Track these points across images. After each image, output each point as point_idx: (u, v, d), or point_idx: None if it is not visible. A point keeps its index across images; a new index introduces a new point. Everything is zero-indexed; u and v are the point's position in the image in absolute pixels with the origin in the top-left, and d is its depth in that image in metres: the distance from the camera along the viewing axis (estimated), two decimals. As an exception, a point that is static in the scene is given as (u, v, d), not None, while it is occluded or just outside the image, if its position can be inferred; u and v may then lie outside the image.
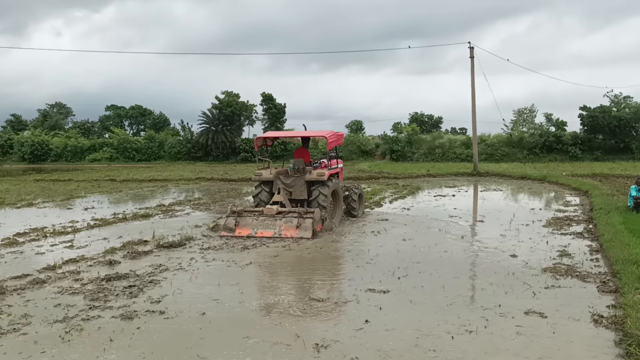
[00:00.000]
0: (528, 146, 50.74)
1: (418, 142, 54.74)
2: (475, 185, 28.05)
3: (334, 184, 14.60)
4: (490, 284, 8.38)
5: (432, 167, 40.33)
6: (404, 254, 10.71)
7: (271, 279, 9.06)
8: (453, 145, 53.20)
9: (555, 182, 27.14)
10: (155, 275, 9.20)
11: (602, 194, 19.41)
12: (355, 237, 12.71)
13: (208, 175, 34.86)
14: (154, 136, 63.29)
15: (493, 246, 11.34)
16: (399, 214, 16.55)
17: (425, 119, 77.93)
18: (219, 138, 58.22)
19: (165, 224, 15.09)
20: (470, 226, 14.30)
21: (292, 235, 12.68)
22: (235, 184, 30.96)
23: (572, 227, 13.68)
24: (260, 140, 15.29)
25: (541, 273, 8.99)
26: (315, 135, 16.39)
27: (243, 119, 63.46)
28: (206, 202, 20.65)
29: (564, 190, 24.13)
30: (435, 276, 8.92)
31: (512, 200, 21.35)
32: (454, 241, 12.05)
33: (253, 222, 13.23)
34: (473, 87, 35.22)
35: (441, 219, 15.44)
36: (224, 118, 59.54)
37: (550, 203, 19.77)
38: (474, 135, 37.02)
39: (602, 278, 8.55)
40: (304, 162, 14.81)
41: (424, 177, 33.20)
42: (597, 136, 49.45)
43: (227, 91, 61.25)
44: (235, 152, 58.86)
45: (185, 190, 27.23)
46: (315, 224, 12.96)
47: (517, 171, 33.99)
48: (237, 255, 10.81)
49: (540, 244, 11.53)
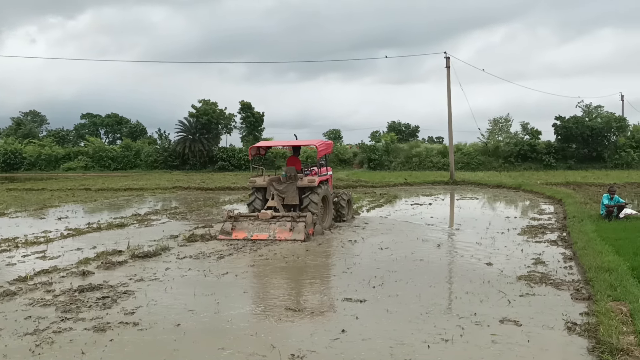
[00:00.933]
0: (503, 155, 51.40)
1: (395, 151, 55.08)
2: (452, 193, 28.27)
3: (324, 190, 15.50)
4: (465, 292, 8.42)
5: (409, 175, 40.58)
6: (381, 262, 10.72)
7: (247, 288, 8.99)
8: (430, 154, 53.66)
9: (530, 191, 27.50)
10: (130, 286, 9.07)
11: (575, 202, 19.70)
12: (332, 246, 12.70)
13: (185, 184, 34.61)
14: (130, 145, 62.70)
15: (469, 254, 11.41)
16: (376, 223, 16.60)
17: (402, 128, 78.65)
18: (196, 147, 57.87)
19: (141, 233, 14.91)
20: (447, 235, 14.38)
21: (285, 238, 13.46)
22: (213, 192, 30.76)
23: (547, 235, 13.84)
24: (254, 150, 16.23)
25: (516, 281, 9.06)
26: (305, 144, 17.42)
27: (221, 128, 63.14)
28: (183, 211, 20.48)
29: (539, 198, 24.45)
30: (411, 285, 8.94)
31: (488, 208, 21.55)
32: (430, 250, 12.09)
33: (249, 226, 14.00)
34: (449, 97, 35.63)
35: (418, 227, 15.51)
36: (202, 126, 59.22)
37: (525, 211, 20.01)
38: (450, 144, 37.39)
39: (576, 285, 8.65)
40: (295, 169, 15.65)
41: (401, 185, 33.38)
42: (570, 145, 50.29)
43: (205, 99, 60.97)
44: (212, 160, 58.55)
45: (162, 199, 26.98)
46: (307, 227, 13.74)
47: (493, 180, 34.37)
48: (213, 264, 10.71)
49: (516, 252, 11.64)
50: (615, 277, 8.33)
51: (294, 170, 15.61)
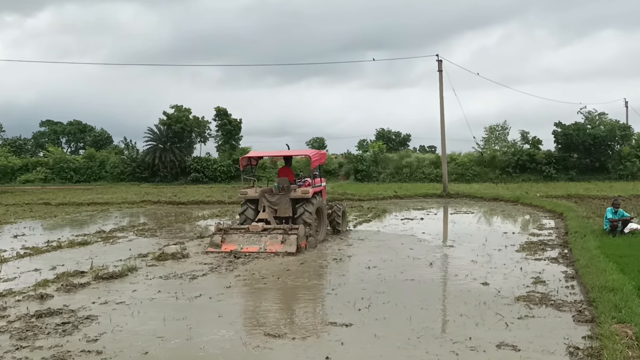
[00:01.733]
0: (500, 165, 51.80)
1: (384, 162, 55.28)
2: (445, 207, 28.42)
3: (318, 202, 16.23)
4: (460, 314, 8.45)
5: (400, 188, 40.74)
6: (368, 283, 10.74)
7: (223, 312, 8.94)
8: (421, 164, 53.93)
9: (529, 204, 27.75)
10: (93, 310, 8.98)
11: (577, 216, 19.92)
12: (315, 266, 12.70)
13: (154, 198, 34.42)
14: (94, 155, 62.19)
15: (464, 273, 11.48)
16: (363, 239, 16.65)
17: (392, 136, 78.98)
18: (167, 157, 57.60)
19: (106, 252, 14.80)
20: (440, 252, 14.46)
21: (276, 250, 14.08)
22: (185, 207, 30.63)
23: (547, 252, 13.97)
24: (245, 160, 17.08)
25: (514, 302, 9.12)
26: (299, 154, 18.55)
27: (194, 136, 62.92)
28: (152, 227, 20.35)
29: (538, 212, 24.68)
30: (400, 307, 8.96)
31: (484, 223, 21.69)
32: (421, 268, 12.14)
33: (239, 238, 14.67)
34: (442, 103, 35.93)
35: (408, 244, 15.58)
36: (173, 135, 58.98)
37: (524, 226, 20.17)
38: (443, 154, 37.67)
39: (578, 307, 8.73)
40: (288, 180, 16.30)
41: (390, 199, 33.49)
42: (571, 155, 50.80)
43: (177, 105, 60.77)
44: (185, 172, 58.29)
45: (129, 214, 26.80)
46: (300, 239, 14.36)
47: (489, 192, 34.64)
48: (185, 286, 10.65)
49: (514, 270, 11.73)
50: (620, 297, 8.42)
51: (287, 182, 16.22)
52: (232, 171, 56.55)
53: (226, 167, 56.78)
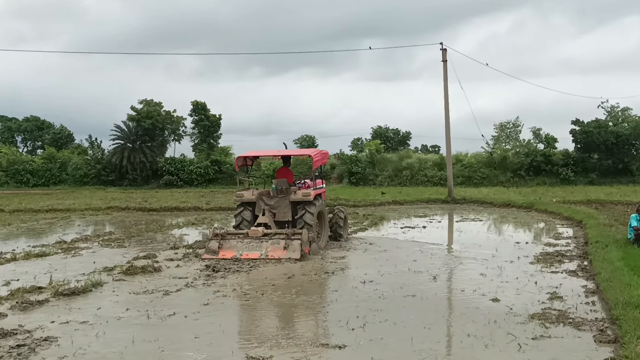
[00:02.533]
0: (512, 167, 52.07)
1: (382, 163, 55.44)
2: (450, 214, 28.48)
3: (320, 205, 16.86)
4: (467, 335, 8.46)
5: (400, 192, 40.82)
6: (364, 300, 10.73)
7: (200, 332, 8.90)
8: (423, 166, 54.14)
9: (544, 211, 27.87)
10: (52, 330, 8.92)
11: (598, 224, 20.01)
12: (304, 280, 12.68)
13: (122, 204, 34.33)
14: (54, 155, 61.98)
15: (471, 288, 11.49)
16: (357, 250, 16.70)
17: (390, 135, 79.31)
18: (136, 157, 57.51)
19: (67, 265, 14.72)
20: (444, 264, 14.48)
21: (279, 257, 14.72)
22: (157, 214, 30.57)
23: (564, 264, 14.03)
24: (240, 160, 17.60)
25: (528, 320, 9.14)
26: (299, 154, 19.96)
27: (167, 134, 62.96)
28: (119, 237, 20.28)
29: (555, 219, 24.79)
30: (400, 326, 8.96)
31: (493, 232, 21.76)
32: (424, 283, 12.15)
33: (237, 244, 15.28)
34: (446, 97, 36.04)
35: (409, 255, 15.60)
36: (143, 132, 58.93)
37: (539, 235, 20.25)
38: (448, 155, 37.77)
39: (600, 325, 8.75)
40: (287, 182, 16.89)
41: (388, 204, 33.55)
42: (591, 155, 51.10)
43: (147, 99, 60.78)
44: (157, 174, 58.22)
45: (93, 222, 26.71)
46: (304, 245, 14.97)
47: (500, 197, 34.76)
48: (158, 303, 10.61)
49: (528, 284, 11.76)
50: (647, 315, 8.45)
51: (286, 183, 16.80)
52: (210, 173, 56.57)
53: (203, 169, 56.79)
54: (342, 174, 55.45)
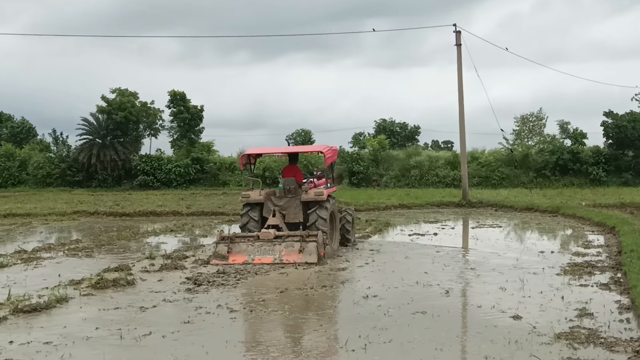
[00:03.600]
0: (535, 166, 52.06)
1: (387, 161, 55.42)
2: (465, 219, 28.51)
3: (332, 206, 17.84)
4: (484, 357, 8.47)
5: (407, 194, 40.84)
6: (365, 317, 10.75)
7: (179, 354, 8.90)
8: (434, 164, 54.10)
9: (572, 215, 27.90)
10: (10, 352, 8.91)
11: (633, 230, 20.04)
12: (298, 295, 12.68)
13: (91, 208, 34.27)
14: (12, 152, 61.83)
15: (489, 304, 11.50)
16: (359, 260, 16.74)
17: (396, 129, 79.17)
18: (107, 155, 57.37)
19: (28, 277, 14.70)
20: (458, 276, 14.51)
21: (295, 261, 15.69)
22: (130, 219, 30.55)
23: (595, 276, 14.06)
24: (245, 158, 18.78)
25: (554, 340, 9.15)
26: (309, 150, 22.47)
27: (143, 128, 62.80)
28: (87, 246, 20.26)
29: (584, 225, 24.83)
30: (407, 348, 8.96)
31: (514, 240, 21.81)
32: (435, 297, 12.17)
33: (248, 248, 16.18)
34: (460, 86, 36.05)
35: (418, 265, 15.64)
36: (115, 126, 58.80)
37: (566, 244, 20.30)
38: (463, 152, 37.78)
39: (635, 346, 8.76)
40: (295, 180, 17.94)
41: (395, 208, 33.56)
42: (626, 152, 51.11)
43: (120, 89, 60.64)
44: (130, 174, 58.12)
45: (58, 229, 26.70)
46: (319, 248, 15.88)
47: (522, 200, 34.82)
48: (131, 321, 10.60)
49: (553, 299, 11.77)
50: (688, 334, 8.47)
51: (294, 182, 17.83)
52: (190, 173, 56.48)
53: (183, 167, 56.71)
54: (341, 173, 55.35)
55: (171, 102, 60.57)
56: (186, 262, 16.50)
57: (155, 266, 15.82)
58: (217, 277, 14.27)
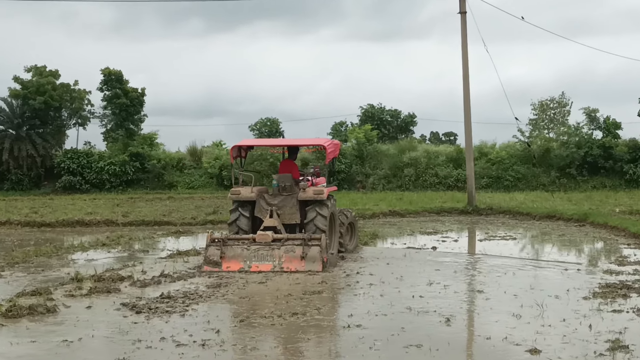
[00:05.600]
0: (558, 164, 52.26)
1: (375, 157, 55.46)
2: (471, 230, 28.63)
3: (332, 206, 19.34)
4: (494, 400, 8.50)
5: (399, 199, 40.88)
6: (346, 352, 10.76)
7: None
8: (433, 162, 54.20)
9: (604, 225, 28.05)
10: None
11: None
12: (261, 325, 12.65)
13: (2, 217, 34.02)
14: None
15: (500, 335, 11.53)
16: (339, 280, 16.73)
17: (387, 118, 79.46)
18: (22, 150, 56.96)
19: None
20: (462, 299, 14.55)
21: (297, 269, 17.04)
22: (52, 230, 30.43)
23: (631, 299, 14.14)
24: (235, 151, 20.08)
25: (580, 380, 9.21)
26: (308, 144, 23.25)
27: (67, 116, 62.43)
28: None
29: (618, 237, 25.02)
30: (401, 389, 8.97)
31: (531, 254, 21.89)
32: (433, 327, 12.18)
33: (244, 252, 17.47)
34: (466, 65, 36.19)
35: (412, 287, 15.65)
36: (32, 114, 58.42)
37: (596, 259, 20.46)
38: (469, 146, 37.86)
39: (680, 386, 8.83)
40: (292, 177, 19.39)
41: (384, 216, 33.60)
42: (670, 147, 51.52)
43: (37, 67, 60.24)
44: (52, 174, 57.73)
45: (-41, 242, 26.41)
46: (322, 253, 17.19)
47: (541, 206, 35.01)
48: (54, 356, 10.55)
49: (579, 329, 11.80)
50: None
51: (290, 179, 19.26)
52: (129, 172, 56.17)
53: (119, 165, 56.39)
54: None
55: (104, 84, 60.27)
56: (122, 284, 16.37)
57: (83, 289, 15.68)
58: (160, 302, 14.17)
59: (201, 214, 34.47)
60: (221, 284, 16.07)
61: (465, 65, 36.13)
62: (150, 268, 18.32)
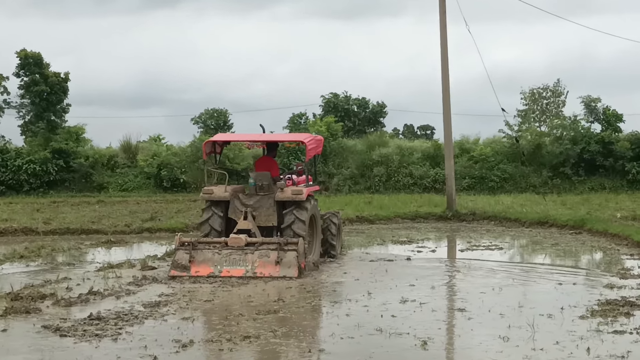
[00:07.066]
0: (551, 161, 52.49)
1: (339, 154, 55.46)
2: (451, 238, 28.76)
3: (313, 207, 20.41)
4: None
5: (368, 203, 40.93)
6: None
7: None
8: (408, 159, 54.23)
9: (603, 232, 28.24)
10: None
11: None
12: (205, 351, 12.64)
13: None
14: None
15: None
16: (297, 296, 16.70)
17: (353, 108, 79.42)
18: None
19: None
20: (440, 320, 14.61)
21: (270, 274, 18.04)
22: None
23: (635, 317, 14.27)
24: (209, 146, 21.18)
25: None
26: (288, 139, 25.63)
27: (-24, 106, 61.98)
28: None
29: (619, 246, 25.23)
30: None
31: (520, 267, 22.01)
32: (407, 352, 12.23)
33: (214, 256, 18.52)
34: (445, 47, 36.32)
35: (383, 306, 15.68)
36: None
37: (594, 272, 20.55)
38: (448, 141, 37.98)
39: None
40: (270, 176, 20.26)
41: (351, 223, 33.58)
42: (679, 143, 51.95)
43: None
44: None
45: None
46: (299, 258, 18.22)
47: (531, 211, 35.16)
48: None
49: (575, 352, 11.90)
50: None
51: (268, 177, 20.21)
52: (51, 172, 55.71)
53: (40, 164, 55.94)
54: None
55: (21, 69, 59.80)
56: (43, 303, 16.25)
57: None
58: (89, 324, 14.07)
59: (136, 220, 34.13)
60: (160, 302, 15.96)
61: (444, 48, 36.23)
62: (76, 285, 18.23)
